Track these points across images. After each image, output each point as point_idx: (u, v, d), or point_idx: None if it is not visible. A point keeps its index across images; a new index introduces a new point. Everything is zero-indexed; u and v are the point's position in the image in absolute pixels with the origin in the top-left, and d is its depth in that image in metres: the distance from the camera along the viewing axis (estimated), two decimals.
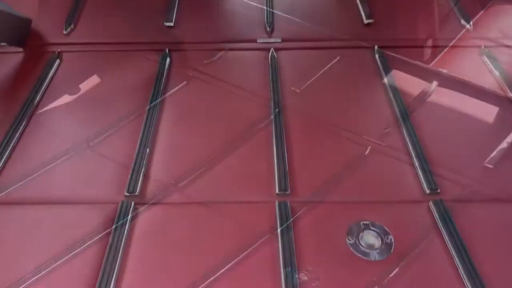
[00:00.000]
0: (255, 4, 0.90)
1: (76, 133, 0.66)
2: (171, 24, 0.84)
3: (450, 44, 0.80)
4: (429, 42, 0.81)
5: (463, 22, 0.84)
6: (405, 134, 0.64)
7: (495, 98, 0.71)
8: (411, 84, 0.74)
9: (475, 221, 0.54)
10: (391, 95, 0.71)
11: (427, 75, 0.76)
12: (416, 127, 0.66)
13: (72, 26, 0.85)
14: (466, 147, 0.64)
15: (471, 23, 0.84)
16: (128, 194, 0.56)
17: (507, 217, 0.55)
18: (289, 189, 0.57)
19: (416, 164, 0.60)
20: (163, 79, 0.74)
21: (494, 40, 0.81)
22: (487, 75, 0.75)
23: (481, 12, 0.87)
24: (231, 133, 0.65)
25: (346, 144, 0.64)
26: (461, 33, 0.82)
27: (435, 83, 0.74)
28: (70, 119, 0.68)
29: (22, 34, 0.81)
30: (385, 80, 0.74)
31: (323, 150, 0.63)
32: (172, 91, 0.72)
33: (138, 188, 0.57)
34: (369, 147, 0.63)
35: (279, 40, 0.82)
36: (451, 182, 0.58)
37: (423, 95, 0.72)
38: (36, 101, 0.70)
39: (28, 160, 0.62)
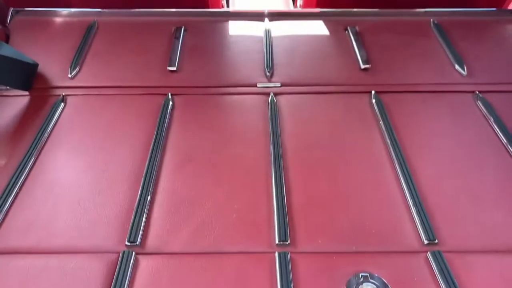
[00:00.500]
0: (255, 49, 0.93)
1: (78, 180, 0.67)
2: (174, 68, 0.87)
3: (444, 90, 0.83)
4: (425, 87, 0.83)
5: (457, 67, 0.87)
6: (402, 181, 0.66)
7: (491, 146, 0.72)
8: (407, 129, 0.76)
9: (473, 273, 0.54)
10: (388, 140, 0.72)
11: (423, 120, 0.77)
12: (414, 174, 0.67)
13: (77, 69, 0.87)
14: (464, 195, 0.65)
15: (465, 67, 0.87)
16: (129, 244, 0.57)
17: (506, 268, 0.55)
18: (289, 240, 0.57)
19: (414, 212, 0.61)
20: (165, 124, 0.75)
21: (488, 86, 0.84)
22: (482, 122, 0.76)
23: (474, 57, 0.90)
24: (231, 180, 0.67)
25: (344, 192, 0.65)
26: (454, 78, 0.85)
27: (431, 129, 0.76)
28: (73, 165, 0.69)
29: (29, 78, 0.83)
30: (382, 125, 0.75)
31: (321, 197, 0.64)
32: (173, 136, 0.74)
33: (139, 238, 0.58)
34: (367, 194, 0.64)
35: (279, 85, 0.84)
36: (449, 232, 0.59)
37: (420, 141, 0.73)
38: (40, 146, 0.72)
39: (29, 208, 0.63)
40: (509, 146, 0.71)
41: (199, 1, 1.10)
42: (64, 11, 1.02)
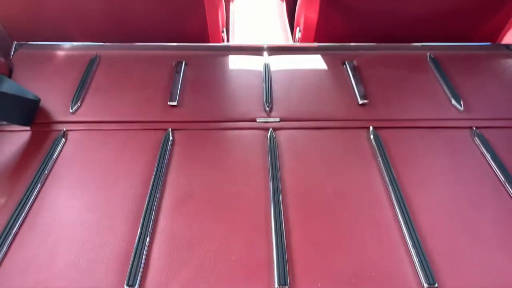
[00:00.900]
0: (254, 83, 0.94)
1: (77, 220, 0.67)
2: (175, 103, 0.88)
3: (441, 126, 0.84)
4: (422, 123, 0.84)
5: (454, 102, 0.88)
6: (402, 222, 0.66)
7: (489, 184, 0.73)
8: (406, 167, 0.76)
9: None
10: (386, 178, 0.73)
11: (422, 157, 0.78)
12: (412, 214, 0.67)
13: (78, 104, 0.88)
14: (463, 235, 0.65)
15: (461, 102, 0.88)
16: (127, 287, 0.57)
17: None
18: (288, 283, 0.57)
19: (413, 255, 0.61)
20: (165, 160, 0.76)
21: (484, 121, 0.85)
22: (480, 159, 0.77)
23: (471, 91, 0.91)
24: (230, 219, 0.67)
25: (344, 232, 0.65)
26: (451, 114, 0.86)
27: (429, 166, 0.76)
28: (73, 204, 0.69)
29: (30, 114, 0.84)
30: (380, 162, 0.76)
31: (320, 238, 0.64)
32: (173, 173, 0.74)
33: (137, 281, 0.57)
34: (366, 235, 0.64)
35: (278, 120, 0.85)
36: (449, 274, 0.59)
37: (418, 179, 0.74)
38: (39, 184, 0.72)
39: (28, 248, 0.62)
40: (507, 185, 0.72)
41: (200, 36, 1.12)
42: (67, 44, 1.03)
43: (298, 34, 1.28)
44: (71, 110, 0.87)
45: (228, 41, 1.32)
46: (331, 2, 1.05)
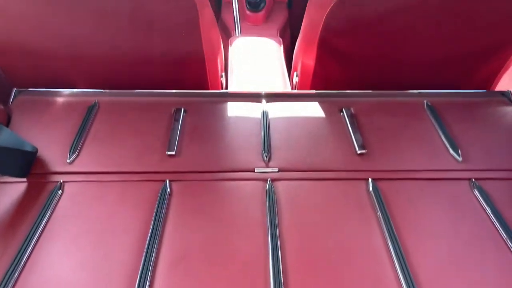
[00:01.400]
0: (253, 132, 0.94)
1: (73, 280, 0.65)
2: (173, 153, 0.87)
3: (440, 177, 0.84)
4: (421, 174, 0.84)
5: (452, 152, 0.88)
6: (402, 281, 0.64)
7: (490, 239, 0.72)
8: (405, 221, 0.75)
9: None
10: (386, 233, 0.72)
11: (421, 211, 0.77)
12: (413, 271, 0.66)
13: (76, 153, 0.88)
14: None
15: (460, 152, 0.88)
16: None
17: None
18: None
19: None
20: (162, 214, 0.75)
21: (483, 172, 0.85)
22: (480, 213, 0.76)
23: (468, 141, 0.92)
24: (228, 278, 0.65)
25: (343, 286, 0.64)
26: (450, 165, 0.86)
27: (429, 220, 0.76)
28: (68, 262, 0.68)
29: (27, 166, 0.84)
30: (380, 216, 0.75)
31: None
32: (170, 227, 0.73)
33: None
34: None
35: (276, 170, 0.85)
36: None
37: (418, 234, 0.73)
38: (34, 240, 0.71)
39: None
40: (508, 241, 0.71)
41: (199, 82, 1.13)
42: (67, 91, 1.04)
43: (295, 79, 1.29)
44: (68, 160, 0.86)
45: (227, 85, 1.34)
46: (328, 51, 1.07)
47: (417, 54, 1.07)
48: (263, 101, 1.04)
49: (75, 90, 1.05)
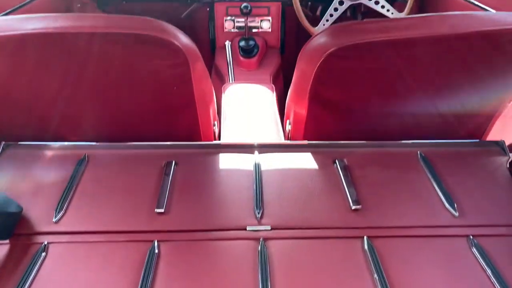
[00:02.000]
0: (245, 186, 0.93)
1: None
2: (162, 210, 0.85)
3: (437, 234, 0.81)
4: (417, 231, 0.82)
5: (448, 206, 0.87)
6: None
7: None
8: (401, 279, 0.73)
9: None
10: None
11: (418, 270, 0.75)
12: None
13: (62, 212, 0.85)
14: None
15: (455, 206, 0.86)
16: None
17: None
18: None
19: None
20: (149, 279, 0.72)
21: (481, 228, 0.82)
22: (479, 273, 0.74)
23: (464, 194, 0.90)
24: None
25: None
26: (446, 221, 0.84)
27: (425, 280, 0.73)
28: None
29: (10, 227, 0.81)
30: (376, 279, 0.72)
31: None
32: None
33: None
34: None
35: (269, 228, 0.83)
36: None
37: None
38: None
39: None
40: None
41: (191, 132, 1.13)
42: (56, 144, 1.03)
43: (288, 127, 1.29)
44: (54, 220, 0.84)
45: (219, 133, 1.33)
46: (319, 101, 1.07)
47: (408, 104, 1.08)
48: (256, 152, 1.03)
49: (65, 143, 1.03)
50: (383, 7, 1.87)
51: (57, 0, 2.00)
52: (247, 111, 1.44)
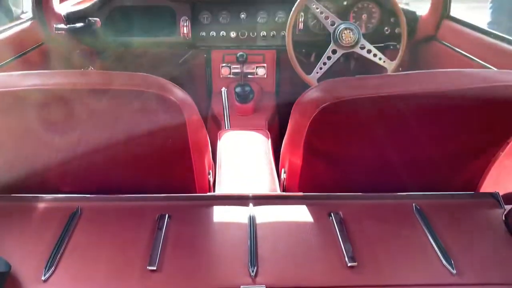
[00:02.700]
0: (239, 240, 0.91)
1: None
2: (154, 268, 0.83)
3: None
4: None
5: (445, 263, 0.85)
6: None
7: None
8: None
9: None
10: None
11: None
12: None
13: (52, 269, 0.83)
14: None
15: (452, 262, 0.85)
16: None
17: None
18: None
19: None
20: None
21: (480, 287, 0.81)
22: None
23: (461, 249, 0.89)
24: None
25: None
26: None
27: None
28: None
29: None
30: None
31: None
32: None
33: None
34: None
35: (264, 287, 0.81)
36: None
37: None
38: None
39: None
40: None
41: (186, 183, 1.12)
42: (49, 197, 1.02)
43: (283, 175, 1.29)
44: (43, 278, 0.81)
45: (214, 182, 1.33)
46: (314, 152, 1.08)
47: (402, 156, 1.09)
48: (250, 204, 1.02)
49: (57, 195, 1.02)
50: (375, 55, 1.93)
51: (56, 47, 2.05)
52: (243, 159, 1.45)
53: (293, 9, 1.89)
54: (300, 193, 1.06)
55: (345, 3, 2.07)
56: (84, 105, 0.93)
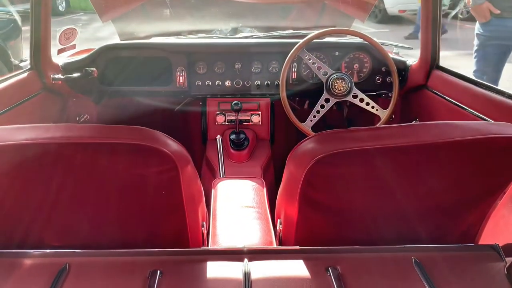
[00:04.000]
0: None
1: None
2: None
3: None
4: None
5: None
6: None
7: None
8: None
9: None
10: None
11: None
12: None
13: None
14: None
15: None
16: None
17: None
18: None
19: None
20: None
21: None
22: None
23: None
24: None
25: None
26: None
27: None
28: None
29: None
30: None
31: None
32: None
33: None
34: None
35: None
36: None
37: None
38: None
39: None
40: None
41: (178, 237, 1.09)
42: (36, 252, 0.98)
43: (279, 226, 1.26)
44: None
45: (208, 234, 1.30)
46: (309, 204, 1.07)
47: (399, 207, 1.07)
48: (245, 259, 0.99)
49: (46, 250, 0.99)
50: (367, 104, 1.96)
51: (53, 96, 2.07)
52: (237, 209, 1.42)
53: (286, 59, 1.94)
54: (297, 247, 1.04)
55: (336, 53, 2.13)
56: (77, 158, 0.92)
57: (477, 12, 3.16)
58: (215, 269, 0.96)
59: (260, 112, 2.25)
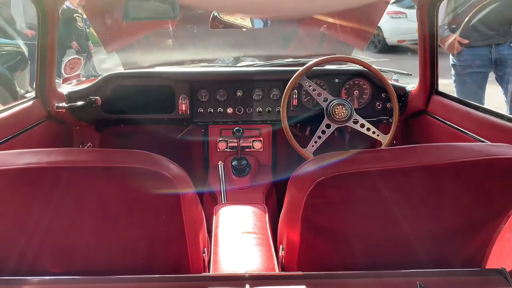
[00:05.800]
0: None
1: None
2: None
3: None
4: None
5: None
6: None
7: None
8: None
9: None
10: None
11: None
12: None
13: None
14: None
15: None
16: None
17: None
18: None
19: None
20: None
21: None
22: None
23: None
24: None
25: None
26: None
27: None
28: None
29: None
30: None
31: None
32: None
33: None
34: None
35: None
36: None
37: None
38: None
39: None
40: None
41: (179, 262, 1.08)
42: (35, 279, 0.96)
43: (281, 252, 1.25)
44: None
45: (209, 260, 1.28)
46: (312, 228, 1.05)
47: (403, 230, 1.06)
48: (247, 285, 0.96)
49: (44, 277, 0.97)
50: (368, 129, 1.97)
51: (57, 124, 2.10)
52: (239, 235, 1.41)
53: (287, 86, 1.96)
54: (300, 272, 1.01)
55: (336, 80, 2.16)
56: (77, 182, 0.92)
57: (446, 45, 3.18)
58: None
59: (261, 139, 2.27)
